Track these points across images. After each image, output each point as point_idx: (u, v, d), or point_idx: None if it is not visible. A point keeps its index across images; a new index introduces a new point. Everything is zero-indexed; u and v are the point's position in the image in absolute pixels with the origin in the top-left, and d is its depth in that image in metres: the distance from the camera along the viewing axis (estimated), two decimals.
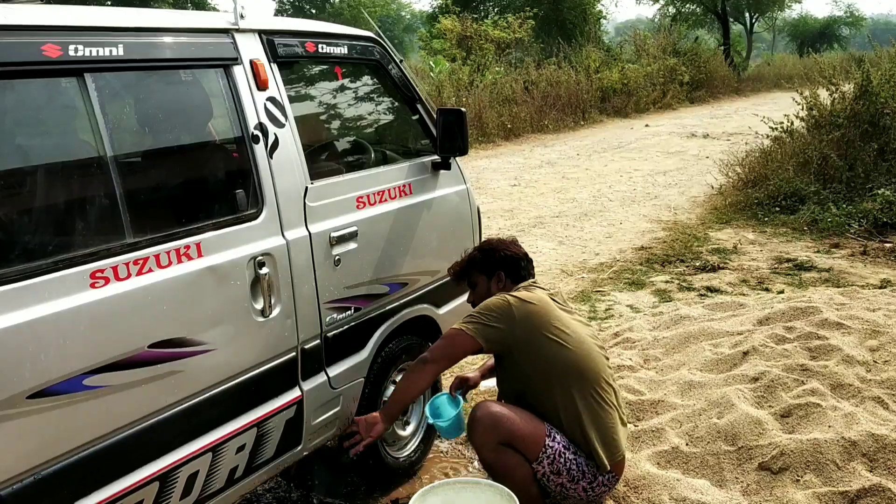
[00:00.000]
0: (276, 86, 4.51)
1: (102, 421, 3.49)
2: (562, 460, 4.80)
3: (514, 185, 17.66)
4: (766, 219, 13.48)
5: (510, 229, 13.24)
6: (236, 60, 4.32)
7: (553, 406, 4.88)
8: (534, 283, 5.29)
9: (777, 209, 13.79)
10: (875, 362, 6.65)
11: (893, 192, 12.44)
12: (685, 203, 15.40)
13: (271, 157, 4.36)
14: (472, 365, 6.83)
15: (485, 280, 5.33)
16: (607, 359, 5.20)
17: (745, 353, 6.95)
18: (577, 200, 15.93)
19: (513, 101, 27.57)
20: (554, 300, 5.13)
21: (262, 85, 4.41)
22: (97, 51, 3.57)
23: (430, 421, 5.22)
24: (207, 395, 3.97)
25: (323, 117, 5.69)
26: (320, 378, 4.76)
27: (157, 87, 4.18)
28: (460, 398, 5.40)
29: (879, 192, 12.60)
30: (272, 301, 4.29)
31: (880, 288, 9.28)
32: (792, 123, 15.38)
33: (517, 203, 15.73)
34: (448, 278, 5.63)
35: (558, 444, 4.80)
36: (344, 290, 4.88)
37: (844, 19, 74.20)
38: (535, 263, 5.47)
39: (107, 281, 3.47)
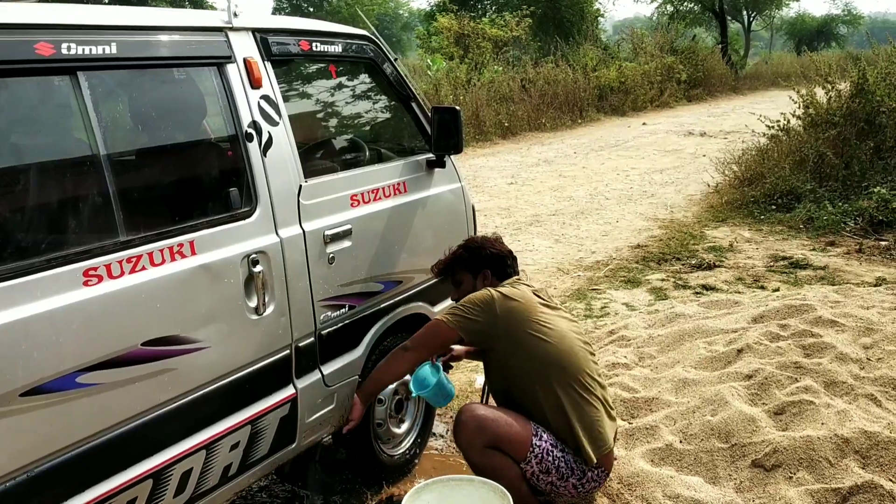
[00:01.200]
0: (270, 84, 4.51)
1: (95, 419, 3.50)
2: (550, 458, 4.81)
3: (511, 184, 17.67)
4: (762, 217, 13.50)
5: (507, 227, 13.29)
6: (230, 59, 4.32)
7: (536, 400, 4.90)
8: (518, 279, 5.28)
9: (773, 207, 13.81)
10: (868, 360, 6.66)
11: (889, 191, 12.44)
12: (682, 201, 15.43)
13: (265, 156, 4.36)
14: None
15: (470, 278, 5.33)
16: (592, 354, 5.19)
17: (740, 351, 6.96)
18: (574, 199, 15.94)
19: (510, 99, 27.60)
20: (538, 296, 5.15)
21: (255, 83, 4.41)
22: (90, 49, 3.58)
23: (416, 393, 5.25)
24: (201, 392, 3.98)
25: (317, 116, 5.70)
26: (314, 376, 4.77)
27: (151, 86, 4.19)
28: (439, 364, 5.37)
29: (875, 190, 12.58)
30: (266, 299, 4.30)
31: (875, 286, 9.29)
32: (788, 122, 15.37)
33: (514, 201, 15.75)
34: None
35: (545, 442, 4.82)
36: (338, 288, 4.88)
37: (842, 18, 74.30)
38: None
39: (100, 279, 3.48)
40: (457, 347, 5.69)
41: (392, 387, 5.53)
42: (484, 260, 5.32)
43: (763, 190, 14.34)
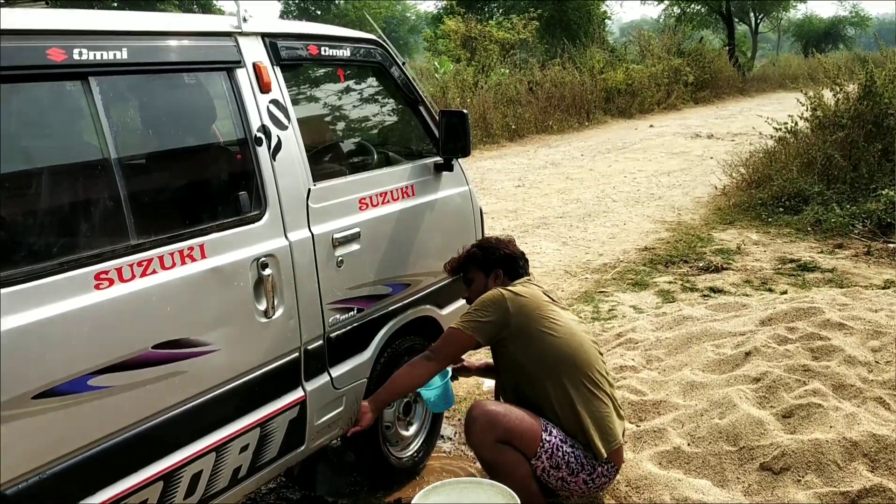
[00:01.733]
0: (279, 88, 4.54)
1: (107, 421, 3.53)
2: (560, 454, 4.85)
3: (519, 186, 17.68)
4: (769, 219, 13.49)
5: (514, 230, 13.32)
6: (239, 63, 4.35)
7: (547, 395, 4.95)
8: (529, 280, 5.36)
9: (781, 210, 13.79)
10: (877, 363, 6.64)
11: None
12: (689, 204, 15.43)
13: (274, 159, 4.39)
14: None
15: (483, 277, 5.40)
16: (601, 353, 5.26)
17: (748, 354, 6.94)
18: (581, 201, 15.96)
19: (517, 101, 27.63)
20: (547, 296, 5.22)
21: (264, 87, 4.44)
22: (101, 54, 3.61)
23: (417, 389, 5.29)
24: (211, 395, 4.00)
25: (326, 119, 5.72)
26: (323, 378, 4.79)
27: (161, 90, 4.21)
28: (448, 370, 5.46)
29: (883, 192, 12.57)
30: (275, 302, 4.32)
31: (883, 289, 9.27)
32: (796, 124, 15.36)
33: (521, 204, 15.77)
34: (451, 279, 5.67)
35: (555, 437, 4.86)
36: (347, 291, 4.91)
37: (850, 19, 74.25)
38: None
39: (111, 282, 3.51)
40: (469, 361, 5.80)
41: None
42: (497, 260, 5.40)
43: (770, 192, 14.33)
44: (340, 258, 4.80)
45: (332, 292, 4.78)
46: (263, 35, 4.57)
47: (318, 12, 73.62)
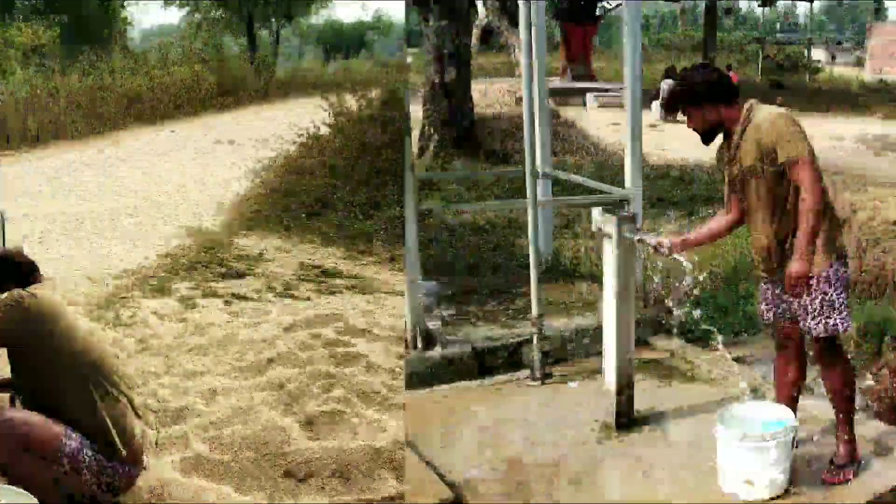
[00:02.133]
0: None
1: None
2: (80, 457, 4.77)
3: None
4: (292, 225, 13.57)
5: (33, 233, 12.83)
6: None
7: (65, 399, 4.86)
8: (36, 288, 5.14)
9: (304, 215, 13.91)
10: (402, 369, 6.85)
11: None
12: (212, 209, 15.25)
13: None
14: None
15: None
16: (118, 357, 5.32)
17: (271, 360, 7.10)
18: (102, 209, 15.50)
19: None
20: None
21: None
22: None
23: None
24: None
25: None
26: None
27: None
28: None
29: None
30: None
31: (402, 296, 9.51)
32: (318, 129, 15.59)
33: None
34: None
35: (75, 442, 4.77)
36: None
37: (372, 24, 76.57)
38: (42, 271, 5.28)
39: None
40: None
41: None
42: None
43: (295, 198, 14.47)
44: None
45: None
46: None
47: None
